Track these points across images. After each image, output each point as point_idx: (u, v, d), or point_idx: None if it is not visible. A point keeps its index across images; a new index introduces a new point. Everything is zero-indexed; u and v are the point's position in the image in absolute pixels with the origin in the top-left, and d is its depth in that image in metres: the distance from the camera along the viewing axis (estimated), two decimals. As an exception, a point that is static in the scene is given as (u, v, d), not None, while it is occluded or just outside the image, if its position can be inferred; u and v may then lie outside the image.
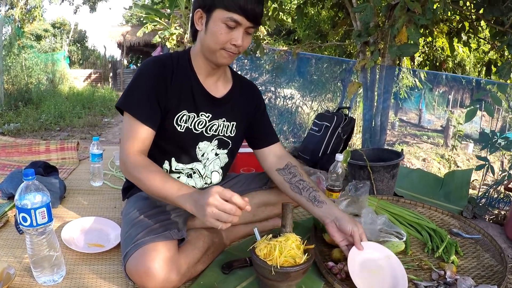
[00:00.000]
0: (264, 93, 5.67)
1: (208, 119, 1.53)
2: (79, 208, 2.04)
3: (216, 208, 1.12)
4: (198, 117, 1.50)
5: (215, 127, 1.56)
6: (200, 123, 1.52)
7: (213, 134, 1.56)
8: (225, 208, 1.13)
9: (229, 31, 1.32)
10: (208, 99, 1.51)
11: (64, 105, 7.01)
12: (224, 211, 1.13)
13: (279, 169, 1.60)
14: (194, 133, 1.51)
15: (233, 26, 1.31)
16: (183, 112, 1.47)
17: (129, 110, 1.39)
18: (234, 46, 1.35)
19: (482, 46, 6.08)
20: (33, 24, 15.75)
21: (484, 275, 1.53)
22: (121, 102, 1.41)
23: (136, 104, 1.39)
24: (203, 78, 1.50)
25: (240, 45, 1.35)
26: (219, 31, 1.32)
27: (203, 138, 1.54)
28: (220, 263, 1.49)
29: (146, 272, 1.21)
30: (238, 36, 1.33)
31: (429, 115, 10.24)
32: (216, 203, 1.13)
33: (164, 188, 1.26)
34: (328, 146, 3.30)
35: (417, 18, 2.70)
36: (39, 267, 1.32)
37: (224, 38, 1.32)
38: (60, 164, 2.76)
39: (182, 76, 1.46)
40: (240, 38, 1.33)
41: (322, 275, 1.46)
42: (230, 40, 1.33)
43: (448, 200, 2.52)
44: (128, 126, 1.39)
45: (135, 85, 1.42)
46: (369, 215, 1.82)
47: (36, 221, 1.24)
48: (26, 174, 1.24)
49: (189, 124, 1.49)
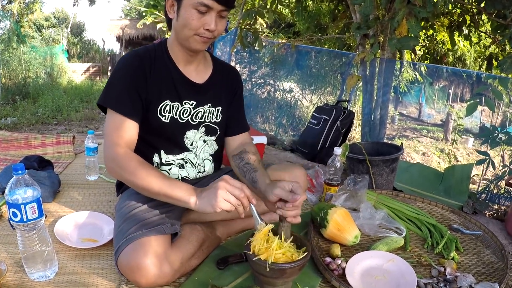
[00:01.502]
0: (263, 86, 5.63)
1: (192, 106, 1.51)
2: (73, 202, 2.02)
3: (227, 191, 1.17)
4: (182, 105, 1.49)
5: (201, 114, 1.54)
6: (185, 112, 1.50)
7: (199, 121, 1.55)
8: (234, 192, 1.18)
9: (200, 16, 1.30)
10: (190, 86, 1.50)
11: (62, 99, 6.96)
12: (233, 195, 1.17)
13: (234, 156, 1.61)
14: (179, 122, 1.50)
15: (204, 11, 1.29)
16: (165, 102, 1.45)
17: (111, 105, 1.37)
18: (208, 31, 1.33)
19: (483, 40, 6.03)
20: (34, 14, 15.67)
21: (485, 272, 1.50)
22: (101, 99, 1.40)
23: (117, 98, 1.37)
24: (182, 66, 1.49)
25: (214, 29, 1.33)
26: (191, 17, 1.30)
27: (189, 127, 1.53)
28: (215, 258, 1.46)
29: (137, 267, 1.19)
30: (211, 20, 1.30)
31: (429, 109, 10.19)
32: (227, 186, 1.18)
33: (164, 185, 1.24)
34: (327, 139, 3.28)
35: (417, 10, 2.66)
36: (31, 263, 1.30)
37: (196, 23, 1.30)
38: (56, 158, 2.73)
39: (161, 67, 1.44)
40: (213, 23, 1.31)
41: (319, 271, 1.44)
42: (202, 25, 1.31)
43: (448, 195, 2.50)
44: (111, 122, 1.36)
45: (113, 81, 1.40)
46: (368, 209, 1.80)
47: (26, 217, 1.22)
48: (15, 169, 1.21)
49: (174, 114, 1.48)
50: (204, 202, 1.19)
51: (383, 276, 1.41)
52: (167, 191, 1.24)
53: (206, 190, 1.22)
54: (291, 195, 1.25)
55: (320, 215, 1.66)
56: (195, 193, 1.23)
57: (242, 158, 1.56)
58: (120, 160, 1.30)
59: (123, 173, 1.30)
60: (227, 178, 1.21)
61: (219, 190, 1.17)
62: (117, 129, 1.34)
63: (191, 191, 1.24)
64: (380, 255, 1.50)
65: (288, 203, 1.26)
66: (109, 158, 1.32)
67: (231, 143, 1.67)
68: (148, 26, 10.15)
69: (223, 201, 1.16)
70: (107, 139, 1.35)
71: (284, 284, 1.27)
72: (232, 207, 1.18)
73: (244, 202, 1.19)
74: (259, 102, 5.56)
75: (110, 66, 15.54)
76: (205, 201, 1.19)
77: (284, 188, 1.27)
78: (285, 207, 1.26)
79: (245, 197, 1.19)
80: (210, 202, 1.18)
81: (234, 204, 1.18)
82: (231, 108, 1.66)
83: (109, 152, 1.32)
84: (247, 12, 4.01)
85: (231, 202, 1.17)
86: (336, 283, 1.33)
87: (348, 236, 1.59)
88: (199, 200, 1.21)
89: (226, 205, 1.17)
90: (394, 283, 1.37)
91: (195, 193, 1.23)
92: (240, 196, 1.18)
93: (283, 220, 1.29)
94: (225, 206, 1.17)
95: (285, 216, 1.27)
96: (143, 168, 1.28)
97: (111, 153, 1.31)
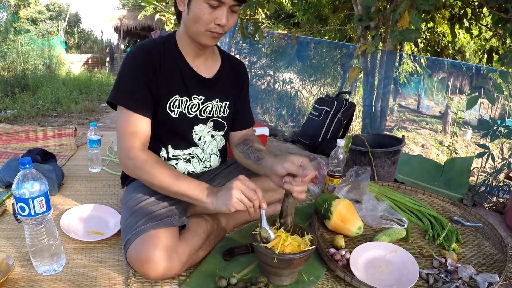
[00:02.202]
0: (263, 77, 5.63)
1: (201, 101, 1.50)
2: (77, 195, 2.02)
3: (241, 191, 1.19)
4: (190, 100, 1.48)
5: (209, 109, 1.54)
6: (194, 106, 1.49)
7: (207, 116, 1.54)
8: (248, 193, 1.20)
9: (212, 11, 1.27)
10: (199, 81, 1.49)
11: (61, 90, 6.92)
12: (247, 196, 1.20)
13: (238, 145, 1.63)
14: (188, 117, 1.49)
15: (216, 5, 1.26)
16: (175, 97, 1.44)
17: (123, 103, 1.35)
18: (219, 26, 1.30)
19: (483, 33, 6.02)
20: (28, 8, 15.54)
21: (485, 263, 1.53)
22: (112, 96, 1.37)
23: (129, 95, 1.35)
24: (191, 59, 1.47)
25: (225, 24, 1.30)
26: (202, 11, 1.26)
27: (198, 121, 1.52)
28: (222, 249, 1.48)
29: (147, 260, 1.20)
30: (222, 15, 1.27)
31: (428, 101, 10.21)
32: (242, 187, 1.20)
33: (182, 185, 1.27)
34: (328, 131, 3.29)
35: (419, 3, 2.66)
36: (39, 257, 1.31)
37: (207, 18, 1.27)
38: (57, 150, 2.73)
39: (170, 61, 1.42)
40: (224, 17, 1.27)
41: (324, 262, 1.46)
42: (214, 20, 1.28)
43: (448, 187, 2.52)
44: (124, 120, 1.35)
45: (123, 76, 1.38)
46: (370, 201, 1.82)
47: (34, 211, 1.22)
48: (23, 163, 1.21)
49: (183, 109, 1.47)
50: (219, 202, 1.22)
51: (386, 266, 1.43)
52: (185, 190, 1.27)
53: (221, 190, 1.24)
54: (301, 169, 1.25)
55: (324, 207, 1.67)
56: (212, 193, 1.26)
57: (245, 143, 1.58)
58: (136, 159, 1.30)
59: (139, 172, 1.31)
60: (242, 178, 1.23)
61: (233, 190, 1.19)
62: (131, 127, 1.34)
63: (208, 191, 1.26)
64: (383, 246, 1.52)
65: (297, 178, 1.26)
66: (124, 156, 1.33)
67: (235, 136, 1.68)
68: (147, 16, 10.05)
69: (237, 202, 1.19)
70: (122, 137, 1.34)
71: (290, 274, 1.29)
72: (244, 207, 1.21)
73: (256, 204, 1.22)
74: (259, 93, 5.57)
75: (108, 57, 15.45)
76: (220, 201, 1.22)
77: (294, 163, 1.27)
78: (293, 182, 1.26)
79: (257, 199, 1.21)
80: (225, 202, 1.20)
81: (247, 205, 1.21)
82: (237, 102, 1.65)
83: (124, 150, 1.33)
84: (248, 3, 3.99)
85: (244, 203, 1.20)
86: (340, 273, 1.35)
87: (351, 227, 1.61)
88: (215, 200, 1.23)
89: (239, 205, 1.20)
90: (397, 274, 1.39)
91: (212, 193, 1.26)
92: (253, 198, 1.20)
93: (288, 196, 1.29)
94: (238, 206, 1.20)
95: (291, 191, 1.26)
96: (160, 168, 1.29)
97: (126, 151, 1.32)
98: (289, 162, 1.27)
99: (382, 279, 1.36)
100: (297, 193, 1.26)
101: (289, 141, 3.70)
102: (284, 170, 1.27)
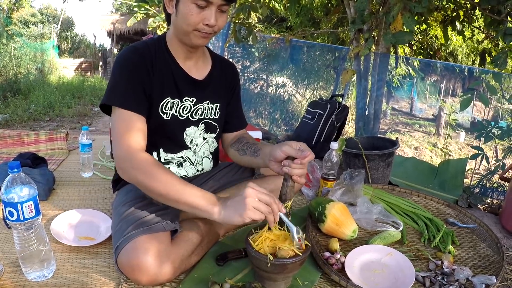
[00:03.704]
0: (256, 81, 5.62)
1: (192, 103, 1.49)
2: (68, 200, 2.00)
3: (256, 198, 1.13)
4: (182, 102, 1.47)
5: (200, 110, 1.52)
6: (185, 108, 1.48)
7: (199, 118, 1.53)
8: (265, 198, 1.14)
9: (200, 11, 1.26)
10: (190, 82, 1.48)
11: (54, 95, 6.89)
12: (264, 202, 1.14)
13: (232, 144, 1.62)
14: (179, 119, 1.48)
15: (204, 5, 1.25)
16: (167, 99, 1.42)
17: (118, 103, 1.31)
18: (207, 26, 1.29)
19: (476, 35, 6.06)
20: (20, 11, 15.47)
21: (481, 265, 1.52)
22: (106, 98, 1.34)
23: (123, 95, 1.32)
24: (182, 61, 1.46)
25: (214, 25, 1.29)
26: (190, 12, 1.25)
27: (189, 124, 1.51)
28: (215, 254, 1.46)
29: (138, 265, 1.18)
30: (211, 15, 1.26)
31: (420, 104, 10.25)
32: (257, 193, 1.14)
33: (185, 192, 1.19)
34: (322, 134, 3.28)
35: (412, 5, 2.67)
36: (28, 262, 1.28)
37: (195, 18, 1.26)
38: (49, 155, 2.71)
39: (162, 63, 1.41)
40: (213, 17, 1.27)
41: (318, 266, 1.44)
42: (202, 20, 1.27)
43: (443, 189, 2.52)
44: (120, 121, 1.30)
45: (116, 78, 1.35)
46: (365, 204, 1.81)
47: (23, 215, 1.19)
48: (11, 167, 1.19)
49: (174, 111, 1.45)
50: (231, 212, 1.14)
51: (381, 270, 1.41)
52: (187, 198, 1.18)
53: (231, 199, 1.17)
54: (299, 151, 1.25)
55: (318, 210, 1.66)
56: (218, 203, 1.18)
57: (240, 141, 1.57)
58: (134, 160, 1.24)
59: (138, 175, 1.23)
60: (253, 186, 1.16)
61: (247, 199, 1.12)
62: (127, 127, 1.29)
63: (214, 200, 1.18)
64: (378, 249, 1.51)
65: (296, 160, 1.25)
66: (121, 158, 1.26)
67: (228, 137, 1.67)
68: (139, 21, 10.04)
69: (253, 210, 1.12)
70: (118, 139, 1.28)
71: (284, 279, 1.27)
72: (262, 215, 1.13)
73: (275, 208, 1.15)
74: (252, 97, 5.56)
75: (101, 61, 15.40)
76: (232, 211, 1.14)
77: (292, 146, 1.27)
78: (292, 165, 1.25)
79: (275, 203, 1.15)
80: (238, 212, 1.12)
81: (265, 212, 1.13)
82: (229, 105, 1.64)
83: (122, 152, 1.26)
84: (241, 7, 3.99)
85: (261, 211, 1.13)
86: (335, 277, 1.33)
87: (346, 231, 1.59)
88: (224, 210, 1.15)
89: (256, 214, 1.12)
90: (392, 277, 1.37)
91: (218, 203, 1.18)
92: (271, 202, 1.14)
93: (287, 179, 1.28)
94: (255, 215, 1.12)
95: (291, 174, 1.26)
96: (162, 172, 1.22)
97: (124, 153, 1.26)
98: (287, 146, 1.28)
99: (377, 282, 1.35)
100: (297, 177, 1.26)
101: (283, 144, 3.68)
102: (283, 154, 1.28)
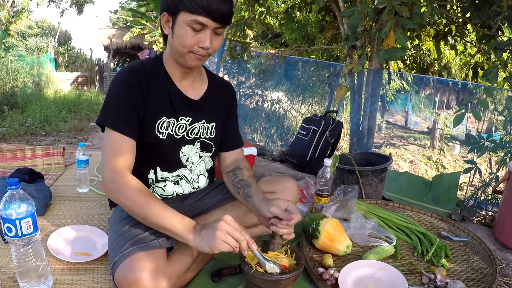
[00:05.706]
0: (252, 97, 5.66)
1: (188, 123, 1.51)
2: (65, 215, 2.01)
3: (226, 232, 1.15)
4: (178, 121, 1.48)
5: (196, 130, 1.54)
6: (181, 128, 1.50)
7: (194, 137, 1.55)
8: (234, 234, 1.16)
9: (195, 34, 1.28)
10: (186, 102, 1.49)
11: (50, 109, 6.89)
12: (233, 237, 1.16)
13: (227, 172, 1.62)
14: (175, 138, 1.49)
15: (199, 29, 1.27)
16: (163, 118, 1.44)
17: (109, 124, 1.34)
18: (202, 49, 1.31)
19: (468, 49, 6.15)
20: (18, 23, 15.53)
21: (474, 278, 1.54)
22: (100, 117, 1.37)
23: (116, 117, 1.34)
24: (178, 81, 1.47)
25: (209, 47, 1.31)
26: (185, 35, 1.27)
27: (185, 142, 1.53)
28: (210, 270, 1.47)
29: (135, 282, 1.18)
30: (205, 38, 1.28)
31: (415, 117, 10.34)
32: (227, 227, 1.16)
33: (164, 217, 1.22)
34: (316, 150, 3.31)
35: (404, 22, 2.72)
36: (26, 277, 1.29)
37: (190, 41, 1.28)
38: (45, 170, 2.72)
39: (158, 83, 1.43)
40: (208, 40, 1.29)
41: (312, 281, 1.46)
42: (197, 43, 1.29)
43: (436, 203, 2.54)
44: (110, 141, 1.33)
45: (111, 98, 1.37)
46: (358, 219, 1.82)
47: (21, 232, 1.21)
48: (10, 184, 1.21)
49: (170, 130, 1.47)
50: (203, 242, 1.18)
51: (375, 285, 1.43)
52: (166, 223, 1.21)
53: (205, 229, 1.19)
54: (286, 214, 1.28)
55: (312, 226, 1.68)
56: (195, 230, 1.21)
57: (236, 175, 1.57)
58: (119, 184, 1.26)
59: (121, 197, 1.26)
60: (227, 219, 1.18)
61: (217, 232, 1.15)
62: (116, 149, 1.32)
63: (191, 228, 1.21)
64: (372, 264, 1.53)
65: (282, 221, 1.28)
66: (107, 179, 1.29)
67: (224, 158, 1.68)
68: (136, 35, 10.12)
69: (221, 243, 1.15)
70: (106, 160, 1.31)
71: (278, 295, 1.28)
72: (230, 248, 1.17)
73: (243, 245, 1.18)
74: (247, 113, 5.60)
75: (98, 75, 15.46)
76: (204, 241, 1.17)
77: (280, 207, 1.30)
78: (279, 224, 1.29)
79: (244, 240, 1.18)
80: (209, 243, 1.16)
81: (233, 246, 1.16)
82: (225, 124, 1.66)
83: (108, 173, 1.29)
84: (236, 24, 4.05)
85: (229, 244, 1.16)
86: (329, 293, 1.35)
87: (340, 246, 1.61)
88: (197, 238, 1.19)
89: (224, 247, 1.15)
90: None
91: (195, 230, 1.21)
92: (240, 239, 1.17)
93: (275, 236, 1.32)
94: (222, 248, 1.15)
95: (278, 233, 1.30)
96: (143, 196, 1.25)
97: (110, 174, 1.28)
98: (275, 207, 1.30)
99: (371, 297, 1.37)
100: (285, 235, 1.31)
101: (277, 160, 3.72)
102: (270, 214, 1.31)
